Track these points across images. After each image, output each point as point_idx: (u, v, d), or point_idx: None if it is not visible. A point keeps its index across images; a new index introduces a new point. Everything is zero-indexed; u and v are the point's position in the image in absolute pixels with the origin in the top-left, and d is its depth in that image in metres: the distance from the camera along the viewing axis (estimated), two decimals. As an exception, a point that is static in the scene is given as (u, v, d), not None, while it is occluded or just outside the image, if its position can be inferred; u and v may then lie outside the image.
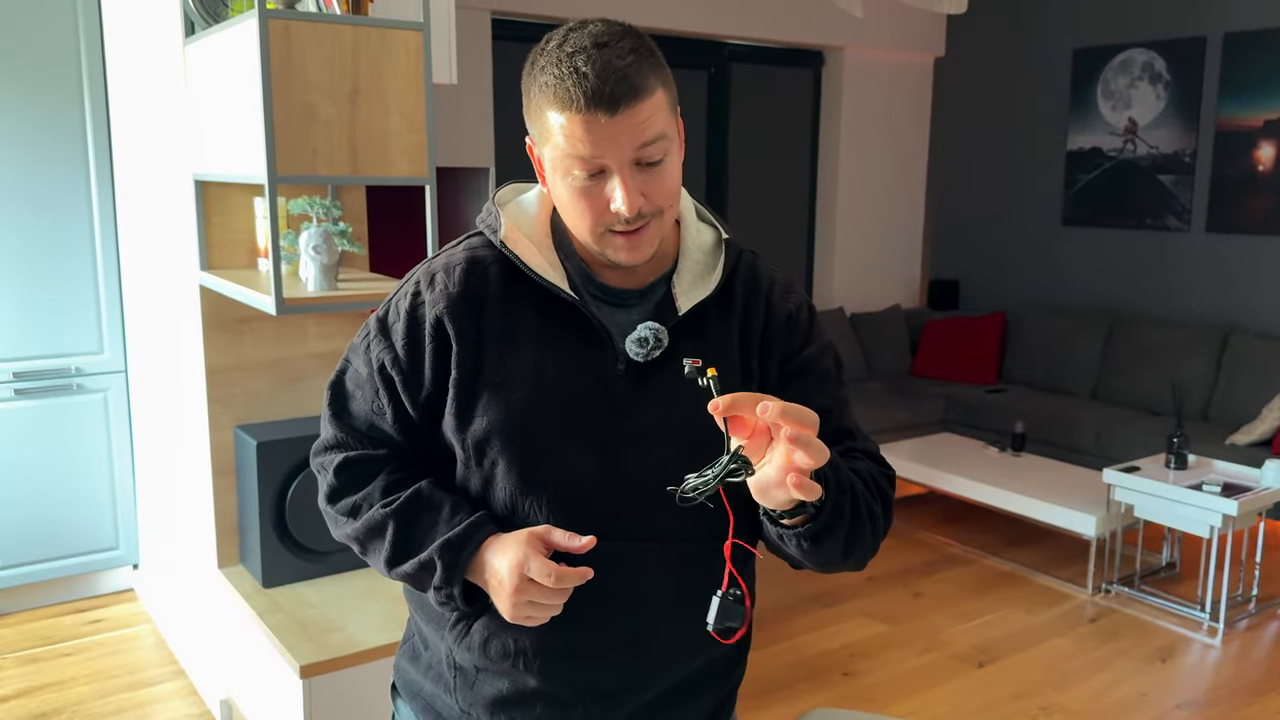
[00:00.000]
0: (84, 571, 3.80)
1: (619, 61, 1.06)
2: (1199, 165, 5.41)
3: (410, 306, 1.21)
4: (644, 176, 1.11)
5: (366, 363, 1.24)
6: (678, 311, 1.19)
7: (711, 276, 1.23)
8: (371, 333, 1.24)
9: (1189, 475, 3.93)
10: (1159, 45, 5.53)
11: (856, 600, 4.00)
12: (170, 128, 2.91)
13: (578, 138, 1.07)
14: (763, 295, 1.25)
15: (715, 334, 1.21)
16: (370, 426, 1.24)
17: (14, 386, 3.57)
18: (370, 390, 1.23)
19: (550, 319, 1.18)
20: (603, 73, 1.05)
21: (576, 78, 1.05)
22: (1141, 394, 5.36)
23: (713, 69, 5.89)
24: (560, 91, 1.07)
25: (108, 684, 3.24)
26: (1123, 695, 3.29)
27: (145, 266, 3.38)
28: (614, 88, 1.05)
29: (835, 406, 1.24)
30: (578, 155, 1.09)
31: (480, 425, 1.17)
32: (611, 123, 1.06)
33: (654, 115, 1.09)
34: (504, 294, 1.19)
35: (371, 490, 1.22)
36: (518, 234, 1.21)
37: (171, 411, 3.23)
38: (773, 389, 1.22)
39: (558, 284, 1.18)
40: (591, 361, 1.17)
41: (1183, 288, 5.56)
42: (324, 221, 2.50)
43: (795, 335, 1.25)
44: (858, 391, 5.75)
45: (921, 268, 6.91)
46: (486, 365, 1.17)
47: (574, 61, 1.06)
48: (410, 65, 2.31)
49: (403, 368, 1.20)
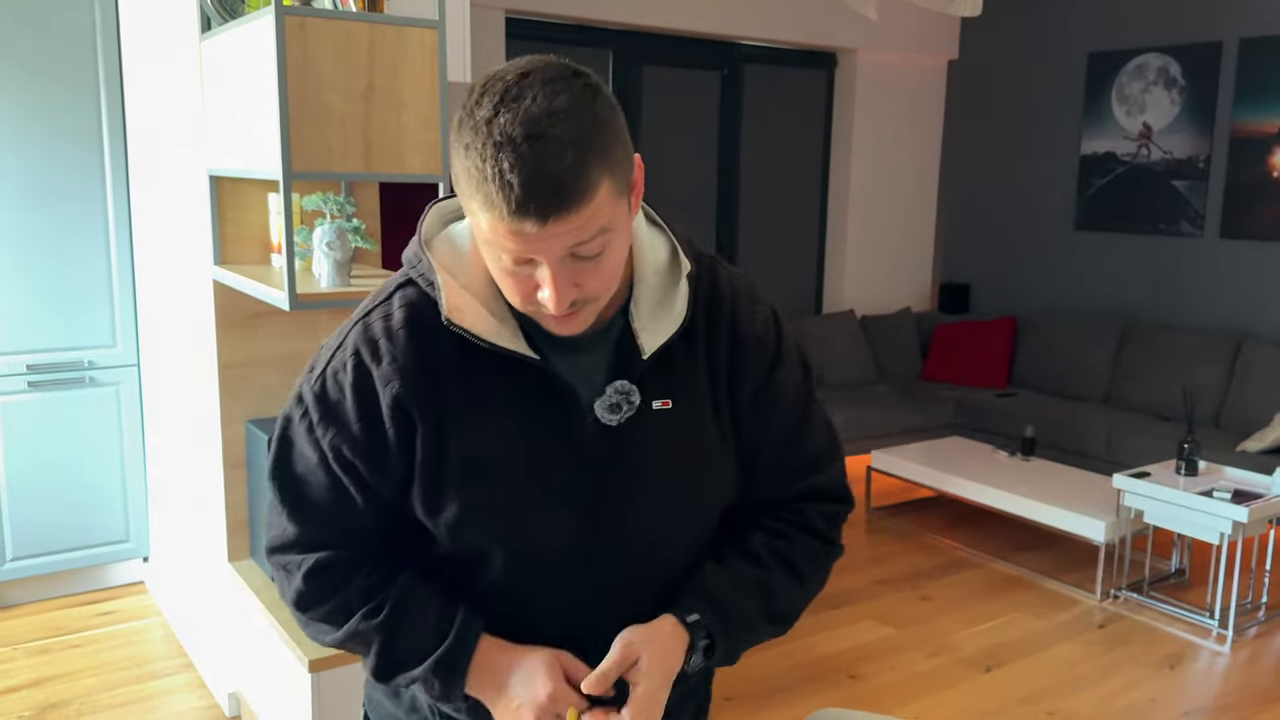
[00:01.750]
0: (95, 564, 3.82)
1: (553, 164, 0.91)
2: (1213, 171, 5.39)
3: (354, 380, 1.08)
4: (579, 266, 0.99)
5: (315, 447, 1.10)
6: (641, 352, 1.10)
7: (671, 303, 1.12)
8: (312, 413, 1.10)
9: (1200, 481, 3.92)
10: (1174, 50, 5.51)
11: (864, 603, 4.00)
12: (185, 123, 2.92)
13: (502, 236, 0.96)
14: (726, 314, 1.16)
15: (683, 368, 1.13)
16: (335, 518, 1.12)
17: (27, 379, 3.59)
18: (328, 478, 1.11)
19: (512, 381, 1.08)
20: (530, 181, 0.91)
21: (500, 183, 0.91)
22: (1153, 400, 5.34)
23: (725, 70, 5.89)
24: (483, 192, 0.93)
25: (117, 676, 3.26)
26: (1131, 701, 3.28)
27: (159, 261, 3.39)
28: (543, 200, 0.91)
29: (800, 431, 1.22)
30: (505, 249, 0.97)
31: (454, 510, 1.09)
32: (541, 232, 0.94)
33: (592, 217, 0.95)
34: (460, 361, 1.08)
35: (349, 597, 1.13)
36: (460, 296, 1.07)
37: (184, 405, 3.24)
38: (744, 419, 1.18)
39: (517, 349, 1.07)
40: (560, 420, 1.09)
41: (1195, 294, 5.54)
42: (337, 218, 2.50)
43: (764, 358, 1.18)
44: (867, 394, 5.74)
45: (933, 271, 6.90)
46: (453, 444, 1.08)
47: (499, 161, 0.91)
48: (425, 63, 2.32)
49: (364, 451, 1.08)
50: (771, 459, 1.21)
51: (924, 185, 6.72)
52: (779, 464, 1.21)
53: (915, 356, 6.28)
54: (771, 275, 6.31)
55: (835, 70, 6.32)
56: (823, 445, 1.25)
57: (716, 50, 5.82)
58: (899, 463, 4.85)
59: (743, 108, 5.99)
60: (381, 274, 2.74)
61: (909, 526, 4.90)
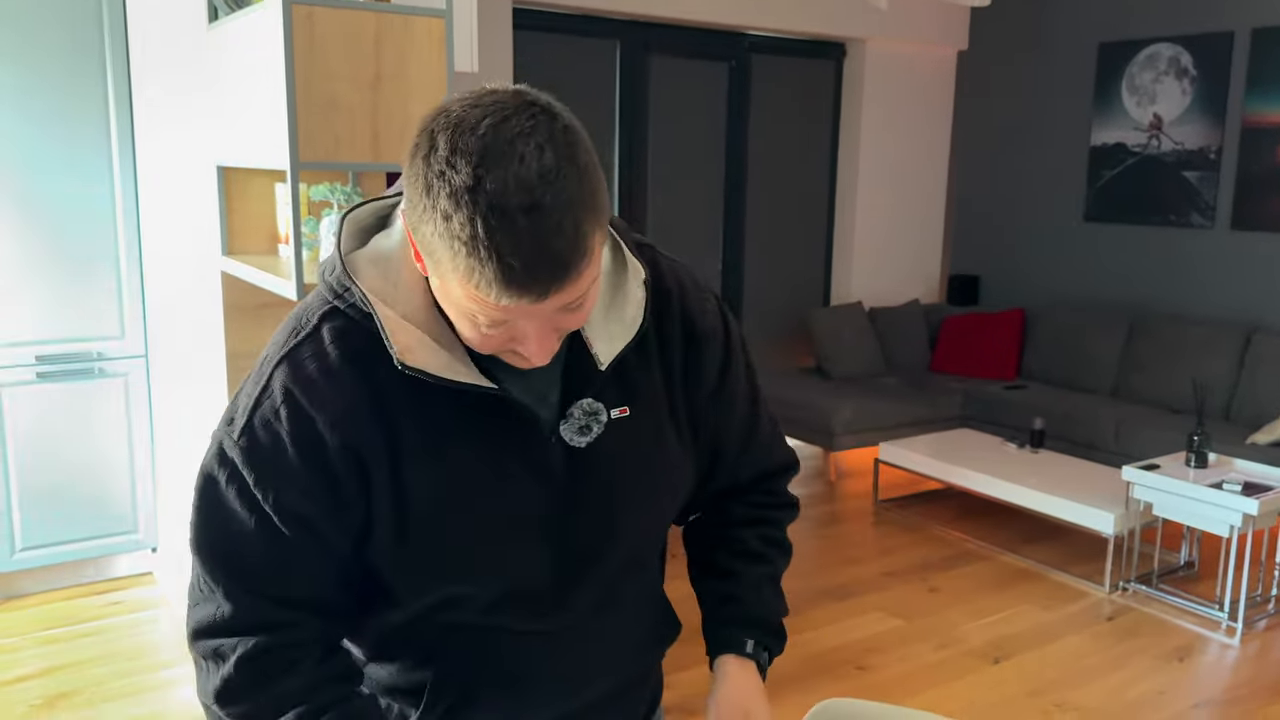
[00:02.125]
0: (103, 554, 3.84)
1: (554, 241, 0.82)
2: (1224, 162, 5.36)
3: (294, 430, 0.96)
4: (561, 316, 0.92)
5: (252, 509, 0.97)
6: (596, 362, 1.03)
7: (620, 303, 1.05)
8: (245, 472, 0.97)
9: (1209, 474, 3.90)
10: (1186, 40, 5.47)
11: (872, 595, 3.99)
12: (192, 113, 2.92)
13: (486, 308, 0.87)
14: (676, 311, 1.11)
15: (637, 371, 1.08)
16: (280, 588, 1.00)
17: (36, 370, 3.60)
18: (271, 543, 0.98)
19: (467, 411, 1.00)
20: (533, 262, 0.82)
21: (498, 265, 0.82)
22: (1162, 392, 5.32)
23: (733, 61, 5.87)
24: (472, 270, 0.83)
25: (125, 665, 3.27)
26: (1140, 694, 3.28)
27: (167, 252, 3.40)
28: (547, 277, 0.84)
29: (752, 418, 1.25)
30: (483, 316, 0.89)
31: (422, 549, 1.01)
32: (535, 305, 0.86)
33: (588, 277, 0.88)
34: (409, 397, 0.98)
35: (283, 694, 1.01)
36: (407, 333, 0.96)
37: (192, 396, 3.24)
38: (699, 417, 1.16)
39: (470, 381, 0.98)
40: (521, 444, 1.03)
41: (1206, 285, 5.51)
42: (344, 208, 2.50)
43: (714, 355, 1.15)
44: (875, 386, 5.73)
45: (942, 263, 6.88)
46: (413, 486, 0.99)
47: (493, 239, 0.81)
48: (432, 52, 2.31)
49: (317, 500, 0.97)
50: (733, 453, 1.24)
51: (933, 176, 6.70)
52: (741, 454, 1.25)
53: (924, 348, 6.26)
54: (779, 267, 6.30)
55: (844, 60, 6.29)
56: (768, 422, 1.29)
57: (724, 40, 5.80)
58: (907, 455, 4.84)
59: (750, 98, 5.97)
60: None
61: (917, 518, 4.89)
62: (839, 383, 5.77)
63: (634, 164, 5.56)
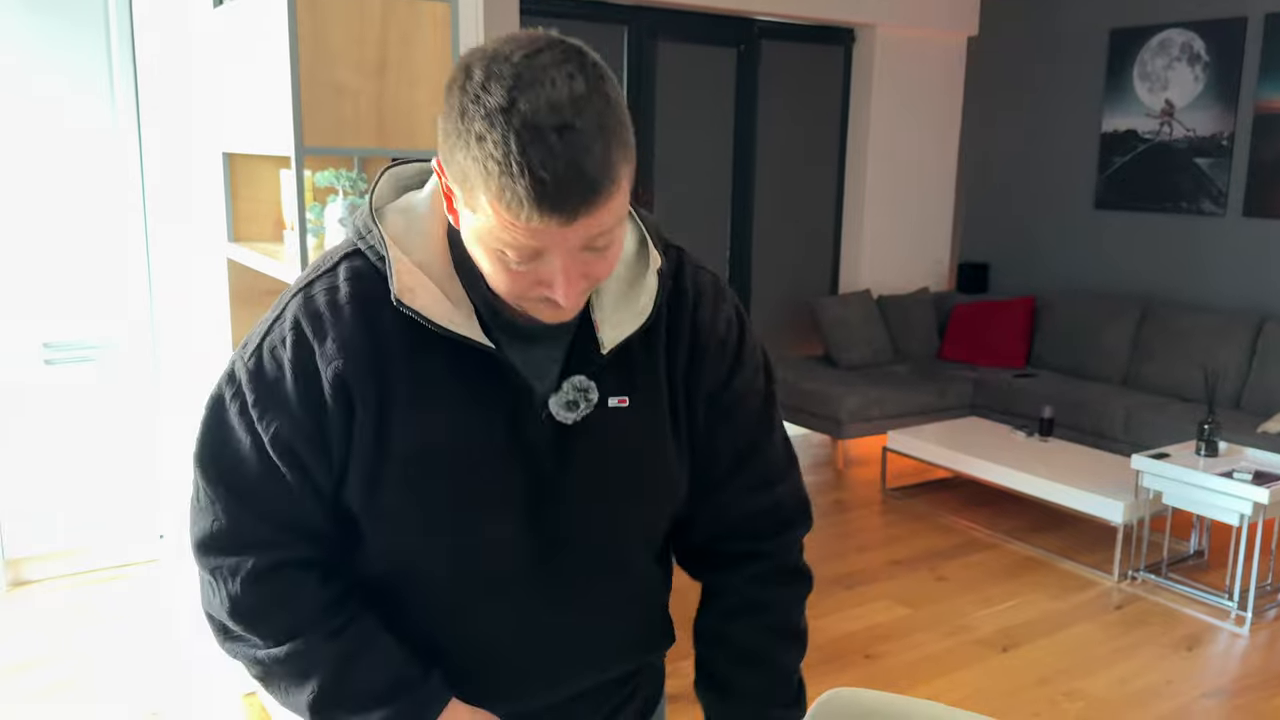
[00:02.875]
0: (110, 540, 3.84)
1: (586, 160, 0.84)
2: (1237, 148, 5.31)
3: (294, 356, 0.99)
4: (589, 257, 0.93)
5: (249, 430, 1.00)
6: (600, 346, 1.04)
7: (635, 293, 1.06)
8: (247, 392, 1.00)
9: (1219, 463, 3.88)
10: (1198, 25, 5.42)
11: (880, 583, 3.98)
12: (197, 98, 2.91)
13: (516, 232, 0.88)
14: (688, 313, 1.10)
15: (642, 367, 1.08)
16: (274, 510, 1.02)
17: (44, 357, 3.60)
18: (264, 466, 1.01)
19: (462, 369, 1.01)
20: (565, 179, 0.84)
21: (530, 179, 0.83)
22: (1173, 380, 5.29)
23: (742, 46, 5.84)
24: (504, 187, 0.85)
25: (131, 651, 3.27)
26: (1148, 683, 3.26)
27: (173, 239, 3.39)
28: (578, 196, 0.85)
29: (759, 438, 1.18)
30: (513, 245, 0.89)
31: (394, 505, 1.02)
32: (563, 229, 0.87)
33: (615, 209, 0.89)
34: (408, 344, 1.00)
35: (301, 609, 1.04)
36: (412, 274, 0.99)
37: (198, 383, 3.24)
38: (699, 422, 1.13)
39: (471, 336, 0.99)
40: (511, 413, 1.03)
41: (1217, 273, 5.47)
42: (350, 194, 2.49)
43: (724, 361, 1.13)
44: (884, 375, 5.71)
45: (951, 250, 6.84)
46: (396, 434, 1.00)
47: (527, 155, 0.83)
48: (438, 38, 2.29)
49: (305, 434, 0.99)
50: (725, 467, 1.16)
51: (943, 163, 6.66)
52: (734, 473, 1.16)
53: (933, 337, 6.24)
54: (787, 255, 6.27)
55: (853, 46, 6.25)
56: (781, 456, 1.21)
57: (732, 26, 5.76)
58: (915, 443, 4.82)
59: (759, 85, 5.94)
60: (395, 251, 2.73)
61: (925, 507, 4.88)
62: (847, 371, 5.75)
63: (641, 151, 5.52)
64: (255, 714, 2.95)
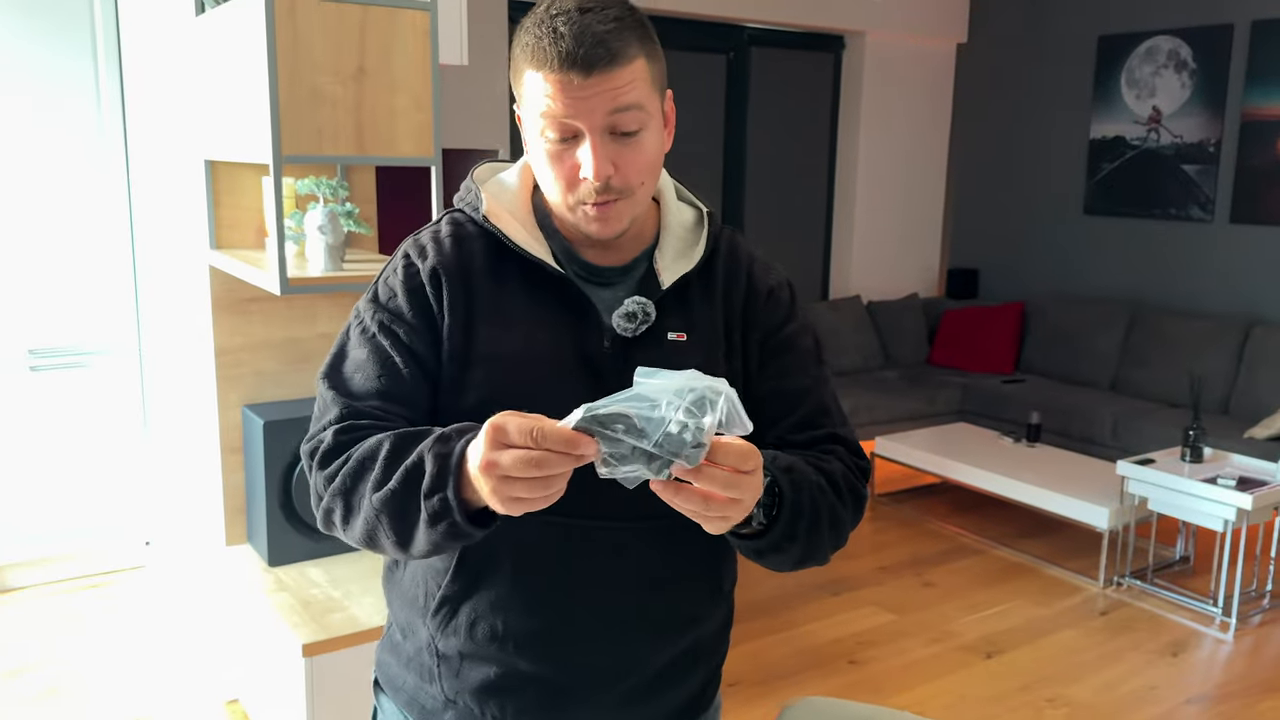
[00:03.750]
0: (97, 547, 3.84)
1: (599, 26, 1.06)
2: (1224, 155, 5.33)
3: (405, 278, 1.18)
4: (617, 147, 1.10)
5: (367, 341, 1.16)
6: (660, 286, 1.19)
7: (694, 251, 1.23)
8: (365, 314, 1.18)
9: (1204, 469, 3.89)
10: (1185, 33, 5.44)
11: (866, 589, 3.98)
12: (180, 106, 2.91)
13: (551, 96, 1.07)
14: (744, 270, 1.26)
15: (699, 309, 1.21)
16: (375, 400, 1.13)
17: (29, 364, 3.60)
18: (374, 361, 1.14)
19: (537, 294, 1.17)
20: (580, 34, 1.05)
21: (553, 38, 1.06)
22: (1161, 386, 5.30)
23: (732, 53, 5.85)
24: (538, 51, 1.07)
25: (117, 658, 3.27)
26: (1132, 689, 3.27)
27: (157, 246, 3.39)
28: (589, 50, 1.05)
29: (814, 386, 1.24)
30: (550, 115, 1.08)
31: (470, 400, 1.13)
32: (585, 85, 1.06)
33: (631, 83, 1.08)
34: (491, 268, 1.17)
35: (372, 437, 1.10)
36: (500, 209, 1.20)
37: (182, 390, 3.24)
38: (753, 365, 1.23)
39: (543, 259, 1.17)
40: (578, 337, 1.16)
41: (1205, 279, 5.49)
42: (331, 202, 2.49)
43: (777, 311, 1.25)
44: (874, 380, 5.72)
45: (941, 256, 6.85)
46: (477, 340, 1.15)
47: (554, 23, 1.06)
48: (417, 45, 2.30)
49: (410, 324, 1.15)
50: (782, 406, 1.21)
51: (932, 170, 6.68)
52: (789, 412, 1.21)
53: (922, 342, 6.25)
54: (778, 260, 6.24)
55: (843, 53, 6.27)
56: (834, 406, 1.26)
57: (722, 33, 5.78)
58: (903, 449, 4.83)
59: (749, 92, 5.95)
60: (376, 258, 2.73)
61: (912, 513, 4.88)
62: (836, 377, 5.75)
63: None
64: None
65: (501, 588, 1.16)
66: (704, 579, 1.24)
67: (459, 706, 1.21)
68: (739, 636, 3.53)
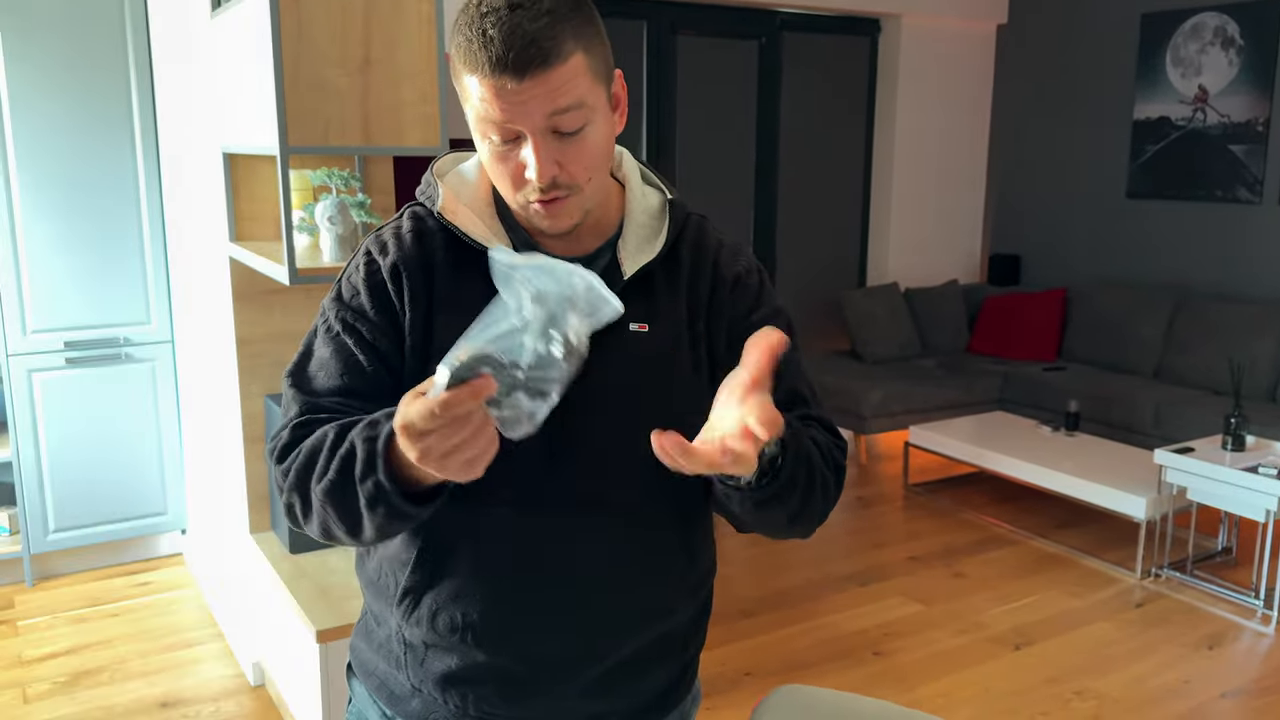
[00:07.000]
0: (135, 536, 3.92)
1: (529, 25, 1.01)
2: (1273, 134, 5.17)
3: (366, 275, 1.17)
4: (560, 145, 1.07)
5: (331, 340, 1.16)
6: (623, 276, 1.17)
7: (657, 240, 1.20)
8: (329, 312, 1.19)
9: (1246, 457, 3.78)
10: (1232, 9, 5.28)
11: (895, 580, 3.94)
12: (200, 100, 2.95)
13: (487, 101, 1.04)
14: (710, 258, 1.23)
15: (663, 298, 1.19)
16: (337, 398, 1.14)
17: (65, 355, 3.68)
18: (337, 359, 1.15)
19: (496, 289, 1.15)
20: (509, 37, 1.01)
21: (483, 41, 1.02)
22: (1206, 373, 5.16)
23: (764, 38, 5.79)
24: (469, 55, 1.04)
25: (150, 644, 3.34)
26: (1164, 682, 3.19)
27: (186, 238, 3.45)
28: (519, 53, 1.01)
29: (785, 370, 1.20)
30: (489, 120, 1.05)
31: None
32: (520, 89, 1.02)
33: (568, 83, 1.04)
34: (452, 261, 1.16)
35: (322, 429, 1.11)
36: (457, 204, 1.18)
37: (208, 381, 3.29)
38: (720, 353, 1.20)
39: None
40: None
41: (1253, 263, 5.33)
42: (342, 193, 2.51)
43: (744, 298, 1.22)
44: (910, 369, 5.65)
45: (982, 242, 6.74)
46: (437, 333, 1.14)
47: (484, 24, 1.02)
48: (422, 35, 2.30)
49: (372, 321, 1.15)
50: None
51: (972, 154, 6.56)
52: None
53: (962, 330, 6.15)
54: (812, 249, 6.22)
55: (879, 36, 6.17)
56: (808, 391, 1.24)
57: (754, 18, 5.72)
58: (938, 438, 4.76)
59: (782, 77, 5.89)
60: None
61: (947, 503, 4.81)
62: (872, 365, 5.70)
63: (663, 147, 5.52)
64: (264, 706, 2.99)
65: (460, 579, 1.16)
66: (668, 571, 1.22)
67: (423, 695, 1.22)
68: (761, 627, 3.51)
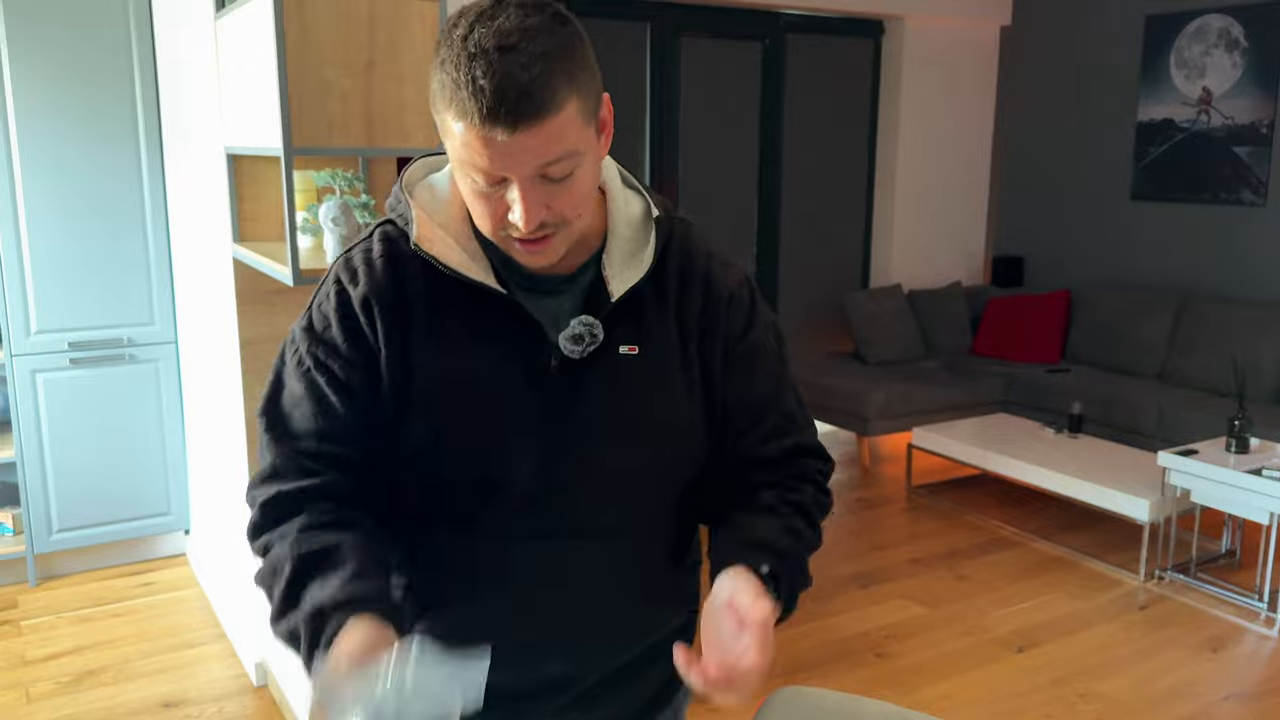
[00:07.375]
0: (138, 536, 3.93)
1: (521, 75, 0.94)
2: (1276, 136, 5.16)
3: (337, 305, 1.11)
4: (549, 188, 1.01)
5: (301, 376, 1.11)
6: (610, 297, 1.12)
7: (643, 254, 1.14)
8: (300, 344, 1.13)
9: (1250, 460, 3.77)
10: (1236, 11, 5.28)
11: (897, 582, 3.93)
12: (204, 101, 2.95)
13: (473, 150, 0.98)
14: (699, 272, 1.18)
15: (652, 318, 1.15)
16: (313, 441, 1.10)
17: (70, 356, 3.69)
18: (310, 395, 1.10)
19: (480, 314, 1.10)
20: (501, 87, 0.94)
21: (473, 89, 0.94)
22: (1209, 375, 5.15)
23: (767, 40, 5.79)
24: (456, 101, 0.96)
25: (153, 645, 3.34)
26: (1168, 685, 3.19)
27: (189, 240, 3.45)
28: (513, 105, 0.94)
29: (779, 390, 1.22)
30: (475, 166, 0.99)
31: (416, 432, 1.09)
32: (510, 141, 0.96)
33: (560, 133, 0.97)
34: (429, 290, 1.10)
35: (288, 527, 1.08)
36: (432, 229, 1.11)
37: (212, 381, 3.30)
38: (715, 373, 1.18)
39: (483, 280, 1.09)
40: (526, 357, 1.10)
41: (1257, 265, 5.32)
42: (346, 194, 2.51)
43: (737, 315, 1.19)
44: (914, 371, 5.64)
45: (985, 244, 6.73)
46: (418, 368, 1.09)
47: (472, 69, 0.94)
48: (425, 37, 2.31)
49: (347, 359, 1.10)
50: (748, 416, 1.20)
51: (976, 156, 6.55)
52: (756, 422, 1.20)
53: (965, 332, 6.14)
54: (815, 250, 6.21)
55: (883, 38, 6.17)
56: (799, 412, 1.25)
57: (757, 19, 5.72)
58: (940, 440, 4.76)
59: (786, 79, 5.89)
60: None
61: (949, 505, 4.81)
62: (875, 367, 5.69)
63: (666, 148, 5.52)
64: (267, 707, 3.00)
65: (455, 606, 1.16)
66: (661, 588, 1.24)
67: None
68: (765, 628, 3.51)
